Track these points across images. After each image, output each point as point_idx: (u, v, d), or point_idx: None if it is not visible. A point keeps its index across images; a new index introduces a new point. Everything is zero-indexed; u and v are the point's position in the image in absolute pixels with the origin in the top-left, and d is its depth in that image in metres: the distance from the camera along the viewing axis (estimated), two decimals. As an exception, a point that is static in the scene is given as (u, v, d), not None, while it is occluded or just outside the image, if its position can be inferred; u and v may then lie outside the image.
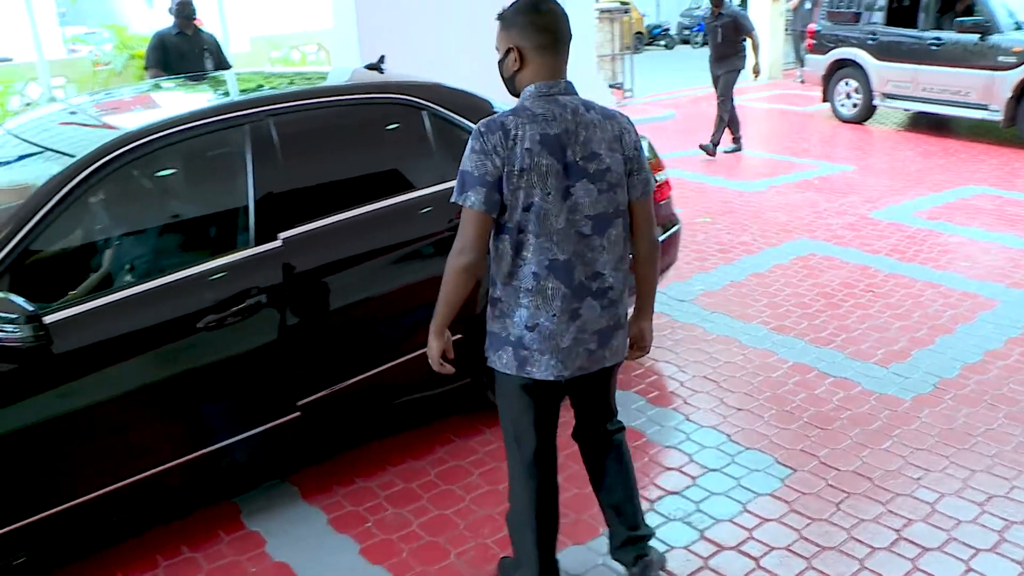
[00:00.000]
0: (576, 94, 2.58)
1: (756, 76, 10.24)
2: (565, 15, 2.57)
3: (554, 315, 2.54)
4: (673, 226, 4.78)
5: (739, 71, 9.81)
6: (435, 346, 2.67)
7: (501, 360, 2.64)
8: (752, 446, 3.90)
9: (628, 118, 2.64)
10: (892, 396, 4.29)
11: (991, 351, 4.76)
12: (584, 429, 2.94)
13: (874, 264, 6.18)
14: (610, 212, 2.56)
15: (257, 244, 3.33)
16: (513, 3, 2.56)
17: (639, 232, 2.68)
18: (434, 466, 3.82)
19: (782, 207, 7.82)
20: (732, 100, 9.86)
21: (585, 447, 2.97)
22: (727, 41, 9.66)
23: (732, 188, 8.56)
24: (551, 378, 2.59)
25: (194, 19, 7.58)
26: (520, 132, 2.45)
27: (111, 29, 13.19)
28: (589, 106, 2.56)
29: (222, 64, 7.58)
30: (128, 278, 3.21)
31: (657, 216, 4.54)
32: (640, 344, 2.85)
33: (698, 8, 28.61)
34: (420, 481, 3.72)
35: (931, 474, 3.64)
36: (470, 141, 2.48)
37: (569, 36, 2.57)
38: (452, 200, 2.51)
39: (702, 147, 9.89)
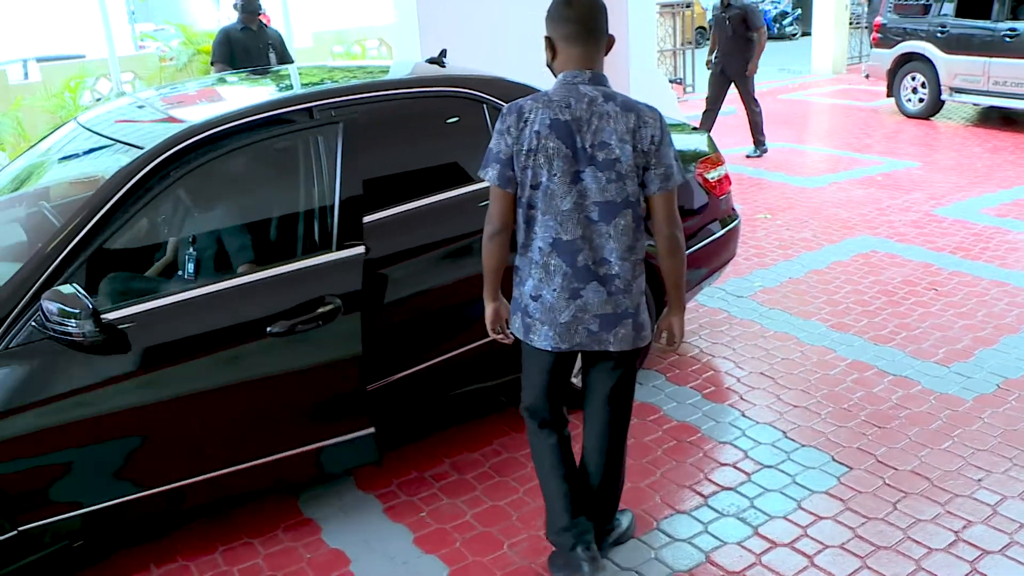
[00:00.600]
0: (604, 85, 2.64)
1: (750, 73, 9.57)
2: (597, 8, 2.65)
3: (555, 291, 2.68)
4: (732, 221, 4.75)
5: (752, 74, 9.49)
6: (488, 309, 2.91)
7: (515, 324, 2.83)
8: (808, 443, 3.87)
9: (657, 113, 2.65)
10: (953, 396, 4.21)
11: (1059, 352, 4.64)
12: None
13: (937, 262, 6.06)
14: (618, 202, 2.62)
15: (338, 240, 3.27)
16: None
17: (656, 227, 2.70)
18: (488, 458, 3.86)
19: (843, 204, 7.69)
20: (733, 102, 9.61)
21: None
22: (737, 35, 9.33)
23: (793, 184, 8.45)
24: (548, 348, 2.74)
25: (259, 14, 7.72)
26: (533, 115, 2.60)
27: (177, 27, 13.48)
28: (610, 97, 2.62)
29: (285, 59, 7.70)
30: (192, 272, 3.25)
31: (716, 211, 4.61)
32: (671, 339, 2.90)
33: (761, 2, 28.21)
34: (475, 472, 3.76)
35: (992, 475, 3.57)
36: (496, 122, 2.67)
37: (599, 28, 2.64)
38: (478, 174, 2.72)
39: (749, 156, 9.63)
